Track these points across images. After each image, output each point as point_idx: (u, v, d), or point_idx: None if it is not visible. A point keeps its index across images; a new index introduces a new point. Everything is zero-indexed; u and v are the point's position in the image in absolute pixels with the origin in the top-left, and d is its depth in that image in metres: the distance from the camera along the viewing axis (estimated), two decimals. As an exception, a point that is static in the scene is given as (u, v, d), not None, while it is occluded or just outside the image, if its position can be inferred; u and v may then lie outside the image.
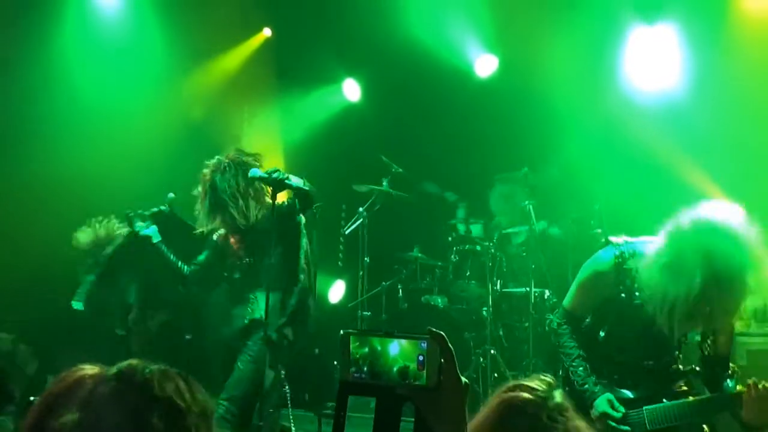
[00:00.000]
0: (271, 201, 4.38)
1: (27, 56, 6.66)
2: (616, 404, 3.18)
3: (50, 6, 6.91)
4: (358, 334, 1.54)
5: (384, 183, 6.61)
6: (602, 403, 3.17)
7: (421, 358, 1.51)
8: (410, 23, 7.04)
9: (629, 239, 3.25)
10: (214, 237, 4.58)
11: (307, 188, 4.47)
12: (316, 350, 6.75)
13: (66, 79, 6.80)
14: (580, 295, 3.35)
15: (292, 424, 4.85)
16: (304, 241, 4.68)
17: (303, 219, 4.66)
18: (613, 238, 3.29)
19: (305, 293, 4.59)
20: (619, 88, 6.86)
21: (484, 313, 6.12)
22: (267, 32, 8.09)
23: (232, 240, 4.59)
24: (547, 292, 6.26)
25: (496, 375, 5.99)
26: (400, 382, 1.50)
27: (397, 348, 1.51)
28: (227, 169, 4.43)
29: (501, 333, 6.27)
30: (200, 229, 4.52)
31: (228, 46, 7.93)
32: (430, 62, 7.12)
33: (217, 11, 7.47)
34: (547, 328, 3.56)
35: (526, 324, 6.06)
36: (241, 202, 4.40)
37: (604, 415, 3.15)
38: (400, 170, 6.69)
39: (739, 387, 3.14)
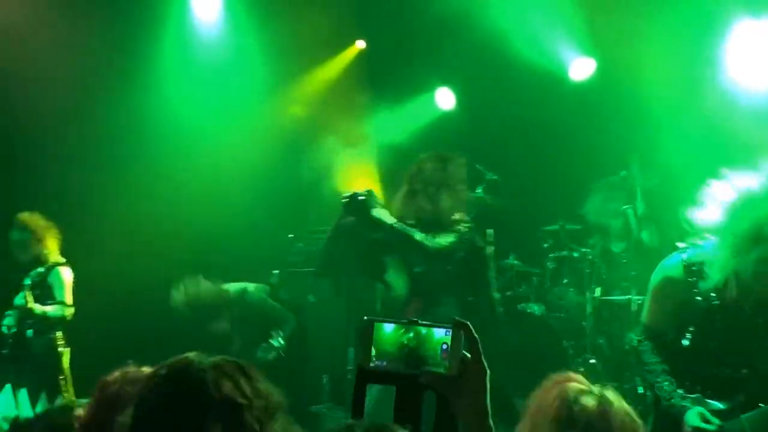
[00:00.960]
0: None
1: (128, 77, 6.93)
2: (708, 416, 3.01)
3: (150, 25, 7.17)
4: (381, 320, 1.52)
5: (478, 190, 6.53)
6: (693, 417, 3.01)
7: (444, 346, 1.49)
8: (503, 29, 6.93)
9: (695, 242, 3.19)
10: None
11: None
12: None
13: (164, 99, 7.05)
14: (655, 305, 3.27)
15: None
16: None
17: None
18: (679, 244, 3.25)
19: None
20: (721, 88, 6.53)
21: (584, 321, 5.95)
22: (360, 44, 8.15)
23: None
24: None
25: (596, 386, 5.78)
26: (422, 370, 1.48)
27: (420, 335, 1.50)
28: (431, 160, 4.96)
29: (602, 342, 6.06)
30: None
31: (322, 59, 8.03)
32: (524, 67, 7.01)
33: (311, 25, 7.57)
34: (627, 346, 3.45)
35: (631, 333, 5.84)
36: (431, 190, 4.79)
37: (697, 430, 3.00)
38: (495, 177, 6.59)
39: None
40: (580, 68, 7.22)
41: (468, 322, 1.53)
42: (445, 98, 7.92)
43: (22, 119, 6.52)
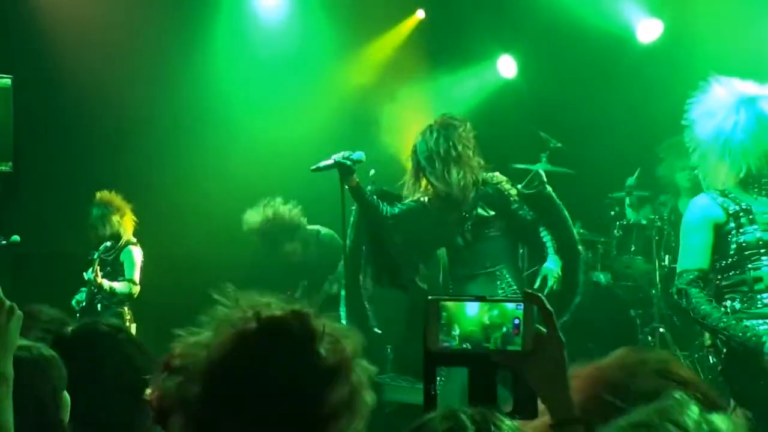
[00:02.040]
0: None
1: (190, 52, 7.04)
2: None
3: (209, 13, 7.24)
4: (448, 299, 1.47)
5: (543, 159, 6.42)
6: None
7: (516, 321, 1.43)
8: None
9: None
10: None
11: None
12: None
13: (226, 76, 7.12)
14: (690, 240, 3.21)
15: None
16: None
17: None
18: None
19: None
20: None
21: (652, 290, 5.82)
22: (420, 14, 8.05)
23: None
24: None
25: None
26: (494, 348, 1.43)
27: (491, 312, 1.44)
28: (430, 132, 4.42)
29: (670, 312, 5.90)
30: (407, 197, 4.56)
31: (383, 30, 7.97)
32: (588, 31, 6.84)
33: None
34: (675, 297, 3.35)
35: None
36: (438, 165, 4.33)
37: None
38: (559, 145, 6.46)
39: None
40: (647, 30, 6.99)
41: (540, 295, 1.48)
42: (507, 66, 7.77)
43: (86, 109, 6.68)
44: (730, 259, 3.15)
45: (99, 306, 5.62)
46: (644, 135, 6.37)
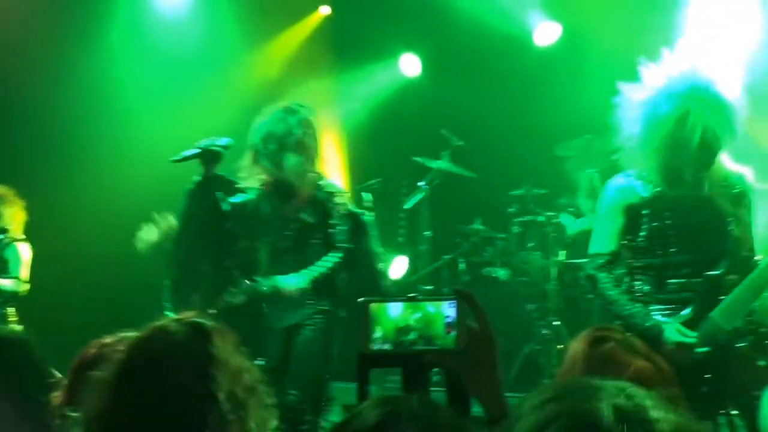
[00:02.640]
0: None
1: (88, 46, 6.76)
2: (684, 329, 3.02)
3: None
4: (379, 301, 1.45)
5: (444, 157, 6.49)
6: (672, 333, 3.01)
7: (448, 320, 1.43)
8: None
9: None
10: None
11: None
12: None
13: (123, 64, 6.88)
14: (604, 223, 3.26)
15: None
16: None
17: None
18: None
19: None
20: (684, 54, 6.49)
21: (548, 284, 5.97)
22: (325, 10, 8.01)
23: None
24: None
25: (560, 346, 5.83)
26: (426, 348, 1.42)
27: (421, 312, 1.43)
28: (272, 113, 4.15)
29: (564, 305, 6.08)
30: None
31: (285, 25, 7.90)
32: (489, 33, 6.92)
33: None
34: (584, 283, 3.44)
35: (591, 295, 5.87)
36: (273, 147, 4.02)
37: (680, 345, 3.00)
38: (461, 143, 6.56)
39: None
40: (546, 33, 7.16)
41: (471, 292, 1.47)
42: (410, 64, 7.82)
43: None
44: (641, 242, 3.20)
45: None
46: (544, 134, 6.50)
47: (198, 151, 3.72)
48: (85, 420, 1.56)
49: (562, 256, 6.09)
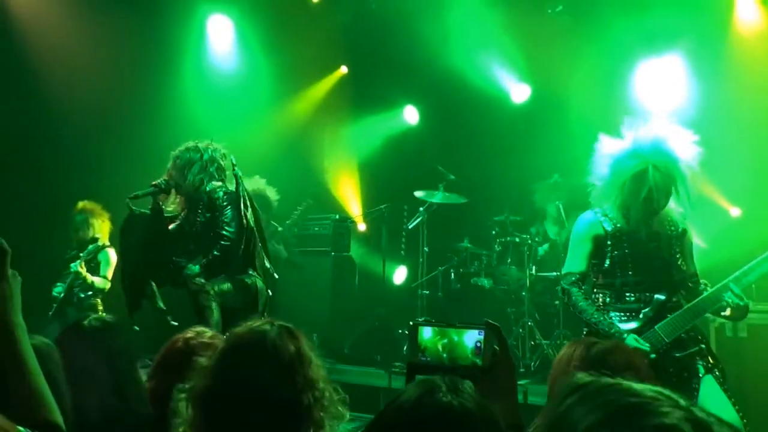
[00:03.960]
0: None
1: (155, 94, 6.66)
2: (641, 340, 3.01)
3: (173, 52, 6.92)
4: (425, 324, 1.50)
5: (440, 187, 6.47)
6: (630, 341, 2.98)
7: (478, 344, 1.48)
8: (458, 59, 6.88)
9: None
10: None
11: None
12: (376, 323, 6.60)
13: (186, 110, 6.80)
14: (576, 250, 3.23)
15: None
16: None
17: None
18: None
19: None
20: (630, 112, 6.51)
21: (523, 292, 5.92)
22: (344, 69, 8.02)
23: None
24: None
25: (532, 342, 5.79)
26: (460, 363, 1.46)
27: (458, 336, 1.49)
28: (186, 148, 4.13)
29: (535, 309, 6.04)
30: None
31: (313, 80, 7.89)
32: (475, 91, 6.96)
33: (305, 53, 7.45)
34: (560, 295, 3.44)
35: (556, 302, 5.85)
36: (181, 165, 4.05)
37: (635, 350, 2.92)
38: (453, 177, 6.53)
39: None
40: (519, 93, 7.19)
41: (498, 325, 1.51)
42: (411, 114, 7.83)
43: (70, 125, 6.23)
44: (604, 266, 3.19)
45: (81, 294, 5.23)
46: (520, 172, 6.47)
47: (152, 189, 3.97)
48: (192, 397, 1.52)
49: (533, 270, 6.06)
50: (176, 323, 3.80)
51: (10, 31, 6.00)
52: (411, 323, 1.52)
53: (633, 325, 3.07)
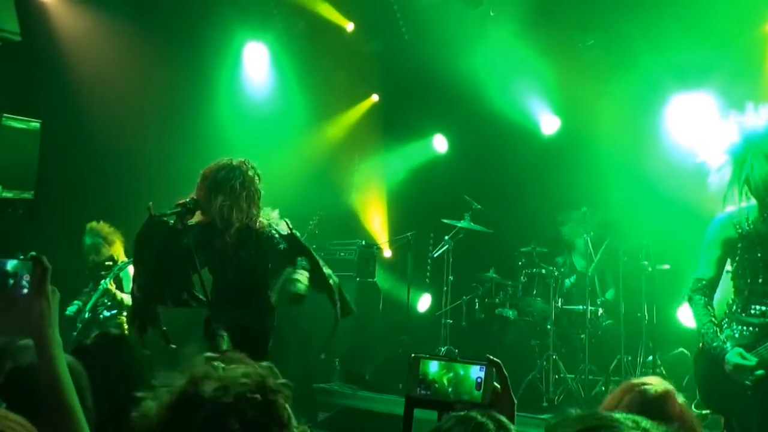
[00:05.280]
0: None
1: (189, 119, 6.78)
2: (746, 354, 2.81)
3: (210, 80, 7.06)
4: (426, 358, 1.50)
5: (466, 216, 6.46)
6: (733, 356, 2.82)
7: (479, 379, 1.47)
8: (489, 89, 6.88)
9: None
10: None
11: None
12: (399, 350, 6.53)
13: (219, 135, 6.90)
14: (706, 255, 3.02)
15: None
16: None
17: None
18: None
19: None
20: (660, 146, 6.47)
21: (548, 325, 5.84)
22: (375, 98, 8.10)
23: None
24: (600, 310, 5.93)
25: (556, 376, 5.69)
26: (459, 399, 1.45)
27: (464, 370, 1.48)
28: (219, 167, 3.77)
29: (560, 342, 5.94)
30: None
31: (345, 108, 7.97)
32: (505, 122, 6.94)
33: (338, 82, 7.56)
34: (684, 300, 3.18)
35: (582, 335, 5.76)
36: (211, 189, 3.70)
37: (738, 367, 2.80)
38: (479, 207, 6.52)
39: None
40: (549, 125, 7.17)
41: (499, 361, 1.50)
42: (440, 143, 7.85)
43: (103, 146, 6.40)
44: (737, 270, 3.01)
45: (106, 313, 5.26)
46: (548, 203, 6.41)
47: (178, 209, 3.65)
48: None
49: (559, 302, 5.98)
50: (175, 346, 3.67)
51: (56, 55, 6.21)
52: (412, 356, 1.52)
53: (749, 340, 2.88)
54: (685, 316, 5.36)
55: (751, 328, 2.91)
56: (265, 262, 3.77)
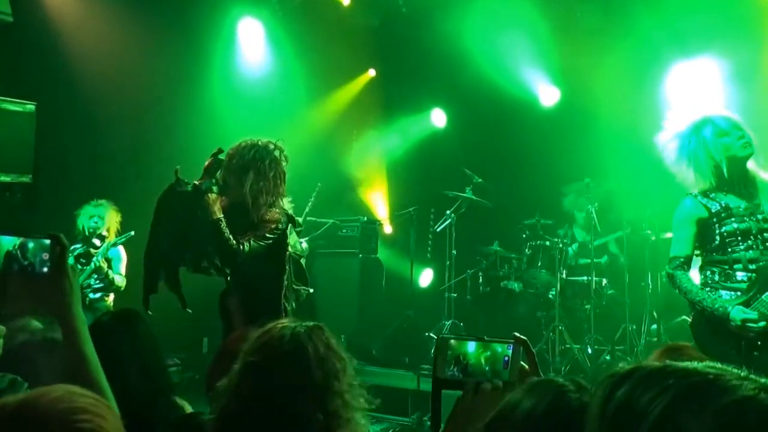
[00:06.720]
0: None
1: (185, 97, 6.66)
2: (747, 310, 2.90)
3: (204, 56, 6.92)
4: (454, 338, 1.47)
5: (467, 190, 6.42)
6: (738, 312, 2.89)
7: (506, 358, 1.44)
8: (487, 62, 6.80)
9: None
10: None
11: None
12: (405, 325, 6.54)
13: (215, 112, 6.81)
14: (680, 232, 3.12)
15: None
16: None
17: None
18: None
19: None
20: (662, 115, 6.40)
21: (552, 296, 5.84)
22: (372, 72, 7.99)
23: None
24: (604, 281, 5.93)
25: (562, 347, 5.70)
26: (487, 378, 1.42)
27: (486, 350, 1.45)
28: (246, 146, 3.58)
29: (566, 313, 5.95)
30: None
31: (342, 83, 7.87)
32: (504, 95, 6.86)
33: (334, 57, 7.44)
34: (665, 279, 3.31)
35: (587, 306, 5.77)
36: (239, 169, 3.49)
37: (745, 321, 2.87)
38: (480, 180, 6.48)
39: None
40: (548, 96, 7.10)
41: (526, 339, 1.48)
42: (438, 117, 7.77)
43: (98, 127, 6.29)
44: (714, 244, 3.09)
45: (88, 298, 5.10)
46: (550, 175, 6.38)
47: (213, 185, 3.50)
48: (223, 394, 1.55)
49: (564, 274, 5.97)
50: (190, 311, 3.59)
51: (49, 36, 6.06)
52: (438, 337, 1.49)
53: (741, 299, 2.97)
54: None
55: (738, 294, 2.99)
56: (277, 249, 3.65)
